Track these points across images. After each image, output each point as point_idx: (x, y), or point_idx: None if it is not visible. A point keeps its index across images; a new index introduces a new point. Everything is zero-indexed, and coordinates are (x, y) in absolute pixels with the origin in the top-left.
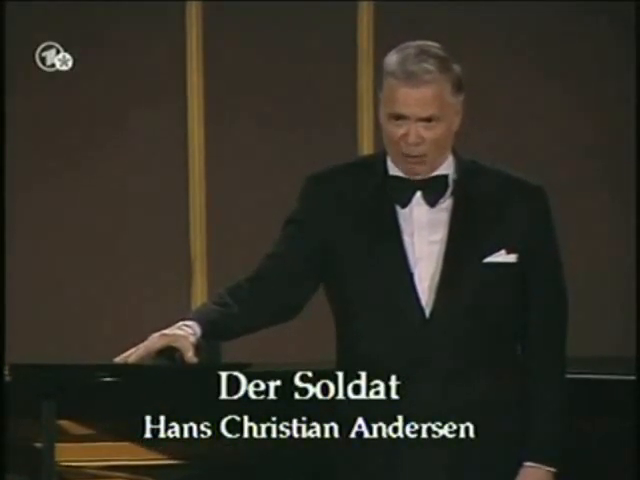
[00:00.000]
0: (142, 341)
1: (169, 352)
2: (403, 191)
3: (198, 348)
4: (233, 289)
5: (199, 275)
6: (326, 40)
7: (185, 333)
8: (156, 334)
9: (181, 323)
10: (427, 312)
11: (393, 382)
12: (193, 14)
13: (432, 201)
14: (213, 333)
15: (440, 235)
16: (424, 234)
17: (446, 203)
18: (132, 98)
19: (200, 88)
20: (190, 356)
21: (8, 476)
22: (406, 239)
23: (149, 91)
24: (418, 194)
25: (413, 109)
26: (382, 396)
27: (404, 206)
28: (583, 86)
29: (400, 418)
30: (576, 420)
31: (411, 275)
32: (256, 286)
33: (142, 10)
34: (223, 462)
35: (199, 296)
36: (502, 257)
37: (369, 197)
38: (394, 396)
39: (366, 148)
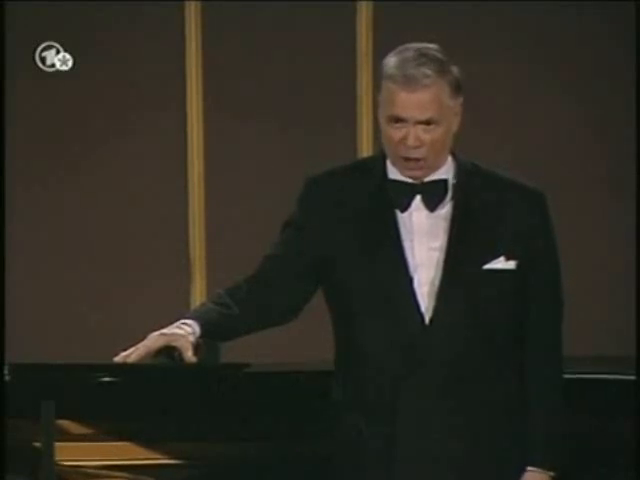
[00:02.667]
0: (142, 341)
1: (168, 351)
2: (402, 195)
3: (197, 348)
4: (232, 290)
5: (198, 276)
6: (326, 40)
7: (184, 332)
8: (155, 333)
9: (180, 322)
10: (427, 317)
11: (392, 385)
12: (192, 14)
13: (431, 205)
14: (212, 333)
15: (440, 242)
16: (424, 240)
17: (445, 209)
18: (132, 98)
19: (199, 88)
20: (189, 356)
21: (8, 476)
22: (406, 244)
23: (149, 91)
24: (417, 198)
25: (412, 112)
26: (380, 392)
27: (403, 210)
28: (583, 86)
29: (398, 411)
30: (576, 420)
31: (411, 280)
32: (255, 288)
33: (142, 10)
34: (223, 462)
35: (198, 297)
36: (501, 264)
37: (368, 201)
38: (393, 399)
39: (365, 148)
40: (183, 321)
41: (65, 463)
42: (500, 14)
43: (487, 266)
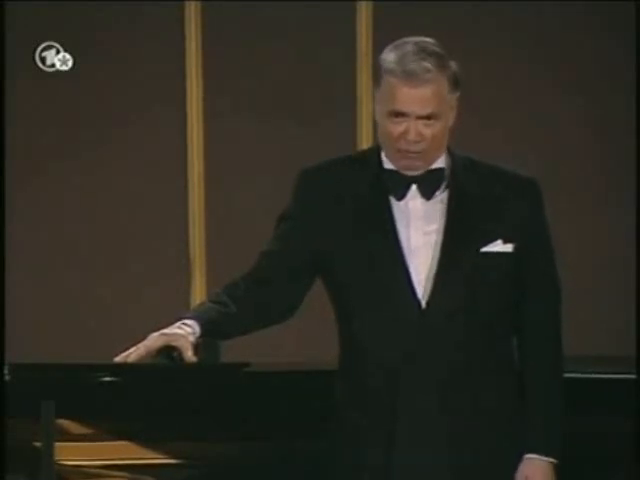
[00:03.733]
0: (142, 341)
1: (168, 351)
2: (398, 184)
3: (197, 347)
4: (230, 288)
5: (198, 276)
6: (326, 40)
7: (184, 332)
8: (155, 333)
9: (180, 322)
10: (424, 303)
11: (391, 377)
12: (192, 14)
13: (428, 194)
14: (212, 332)
15: (436, 225)
16: (419, 225)
17: (441, 197)
18: (132, 98)
19: (199, 88)
20: (189, 355)
21: (8, 476)
22: (402, 230)
23: (149, 91)
24: (413, 187)
25: (413, 107)
26: (380, 389)
27: (400, 199)
28: (583, 86)
29: (398, 410)
30: (576, 420)
31: (407, 265)
32: (252, 285)
33: (142, 10)
34: (223, 462)
35: (198, 297)
36: (499, 247)
37: (363, 190)
38: (392, 392)
39: (365, 146)
40: (183, 321)
41: (65, 463)
42: (500, 14)
43: (485, 249)
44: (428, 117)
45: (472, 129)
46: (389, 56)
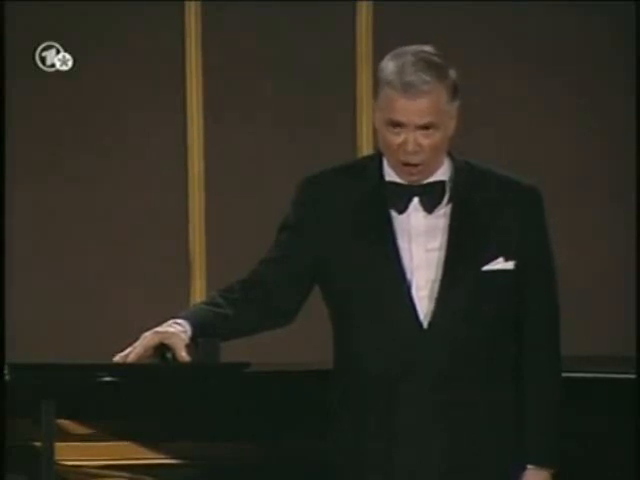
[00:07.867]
0: (136, 340)
1: (162, 350)
2: (400, 197)
3: (190, 346)
4: (225, 291)
5: (198, 276)
6: (326, 40)
7: (176, 330)
8: (148, 332)
9: (172, 321)
10: (425, 322)
11: (389, 389)
12: (193, 14)
13: (430, 207)
14: (204, 332)
15: (438, 243)
16: (421, 241)
17: (443, 210)
18: (132, 98)
19: (199, 88)
20: (183, 355)
21: (8, 476)
22: (403, 246)
23: (149, 91)
24: (415, 200)
25: (411, 118)
26: (378, 404)
27: (401, 212)
28: (583, 86)
29: (397, 426)
30: (576, 420)
31: (408, 283)
32: (248, 289)
33: (142, 10)
34: (223, 462)
35: (198, 296)
36: (500, 264)
37: (365, 202)
38: (391, 403)
39: (365, 148)
40: (175, 320)
41: (65, 463)
42: (500, 14)
43: (486, 267)
44: (426, 127)
45: (472, 129)
46: (388, 66)
